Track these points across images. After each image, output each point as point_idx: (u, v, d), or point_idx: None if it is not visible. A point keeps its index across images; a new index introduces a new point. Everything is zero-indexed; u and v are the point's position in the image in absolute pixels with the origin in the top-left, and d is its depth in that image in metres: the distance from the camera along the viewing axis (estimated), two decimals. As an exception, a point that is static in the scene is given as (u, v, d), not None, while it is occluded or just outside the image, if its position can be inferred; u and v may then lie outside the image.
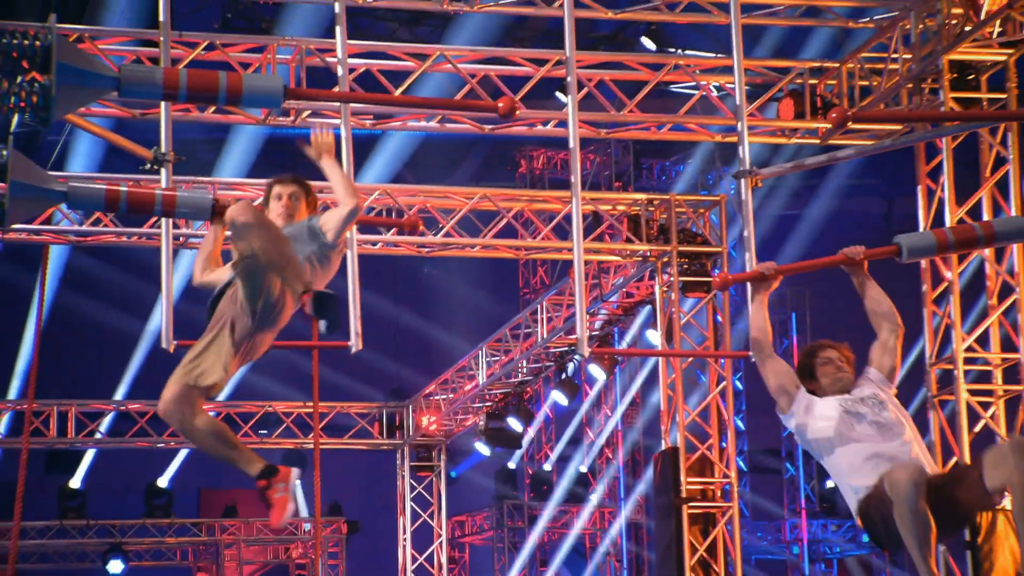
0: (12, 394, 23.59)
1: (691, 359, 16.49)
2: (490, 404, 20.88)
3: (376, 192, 15.37)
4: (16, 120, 6.18)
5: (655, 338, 16.79)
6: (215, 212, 6.99)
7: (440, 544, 22.80)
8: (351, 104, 10.79)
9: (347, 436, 22.62)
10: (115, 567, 23.15)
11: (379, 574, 24.23)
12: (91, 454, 23.53)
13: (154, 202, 6.95)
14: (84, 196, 6.96)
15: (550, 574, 24.75)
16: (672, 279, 15.88)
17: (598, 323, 18.54)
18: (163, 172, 10.32)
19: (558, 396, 19.78)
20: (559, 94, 15.68)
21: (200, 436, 6.61)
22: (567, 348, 18.78)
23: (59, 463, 23.61)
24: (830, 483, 26.76)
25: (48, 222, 14.85)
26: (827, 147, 14.94)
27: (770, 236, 24.15)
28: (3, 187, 7.20)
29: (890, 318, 7.13)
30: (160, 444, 22.09)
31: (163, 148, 10.42)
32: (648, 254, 16.09)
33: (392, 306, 24.77)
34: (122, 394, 23.51)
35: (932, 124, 13.71)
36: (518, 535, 24.75)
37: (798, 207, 25.85)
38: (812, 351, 7.24)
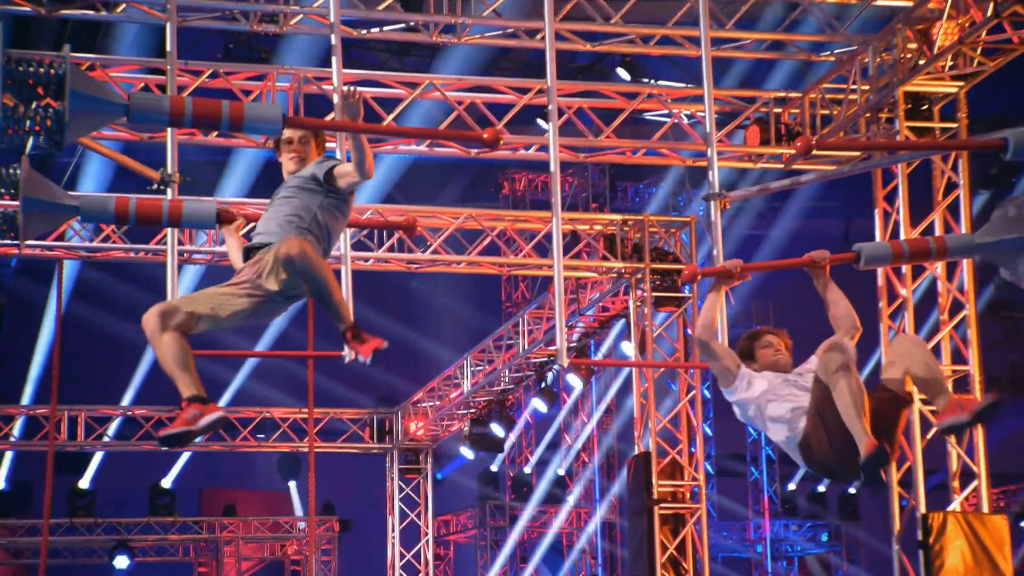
0: (26, 399, 23.50)
1: (662, 369, 16.49)
2: (474, 411, 20.85)
3: (368, 211, 15.35)
4: (31, 142, 6.15)
5: (629, 349, 16.80)
6: (220, 220, 6.93)
7: (426, 542, 22.76)
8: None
9: (340, 440, 22.57)
10: (121, 562, 23.09)
11: (369, 570, 24.15)
12: (99, 456, 23.44)
13: (161, 212, 6.92)
14: (95, 208, 6.94)
15: (530, 570, 24.70)
16: (645, 294, 15.88)
17: (576, 335, 18.54)
18: (169, 191, 10.30)
19: (538, 403, 19.78)
20: (540, 120, 15.71)
21: (162, 346, 6.43)
22: (547, 359, 18.78)
23: (69, 464, 23.50)
24: (791, 486, 26.78)
25: (61, 239, 14.82)
26: (790, 171, 14.97)
27: (737, 254, 23.83)
28: (12, 204, 7.19)
29: (847, 319, 7.14)
30: (164, 447, 21.94)
31: (169, 169, 10.39)
32: (623, 271, 16.10)
33: (382, 318, 24.69)
34: (129, 400, 23.42)
35: (888, 152, 13.75)
36: (500, 533, 24.70)
37: (763, 227, 25.86)
38: (753, 335, 7.29)
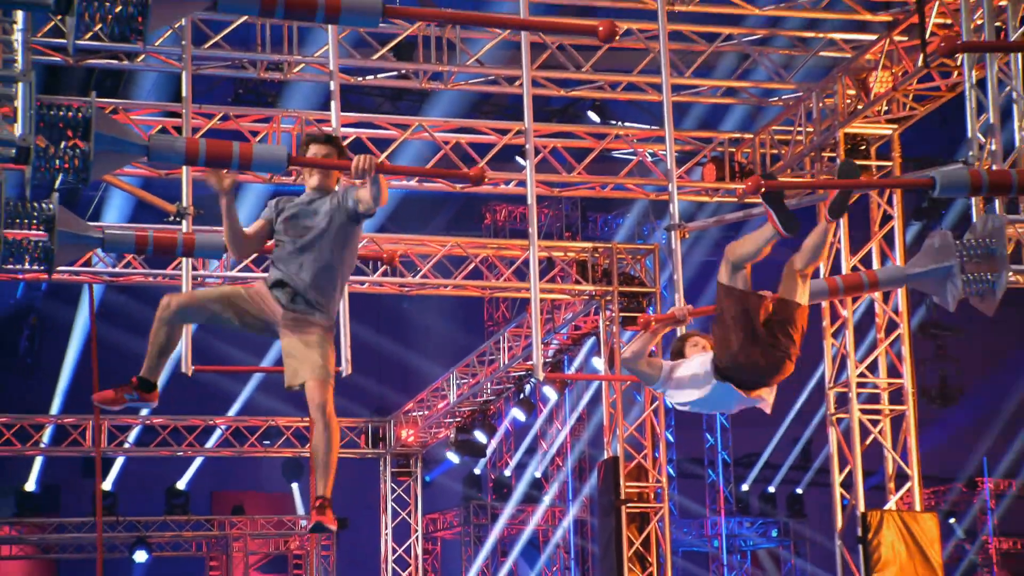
0: (54, 409, 23.42)
1: (629, 383, 16.51)
2: (459, 419, 20.83)
3: (364, 240, 15.37)
4: (60, 179, 6.19)
5: (599, 364, 16.80)
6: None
7: (416, 538, 22.70)
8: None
9: (338, 446, 22.50)
10: (140, 557, 23.02)
11: (364, 564, 24.08)
12: (121, 461, 23.40)
13: (176, 244, 6.96)
14: (117, 241, 6.99)
15: (509, 564, 24.68)
16: (613, 315, 15.91)
17: (551, 351, 18.54)
18: (184, 223, 10.33)
19: (517, 413, 19.77)
20: (519, 158, 15.72)
21: (159, 329, 6.49)
22: (525, 372, 18.77)
23: (93, 469, 23.39)
24: (745, 487, 26.81)
25: (88, 264, 14.81)
26: (743, 204, 15.06)
27: (696, 279, 24.13)
28: (43, 235, 7.23)
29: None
30: (179, 453, 22.00)
31: (184, 203, 10.44)
32: (593, 293, 16.13)
33: (376, 336, 24.70)
34: (147, 410, 23.35)
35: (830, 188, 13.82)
36: (482, 530, 24.66)
37: (719, 254, 25.76)
38: (683, 338, 7.41)
